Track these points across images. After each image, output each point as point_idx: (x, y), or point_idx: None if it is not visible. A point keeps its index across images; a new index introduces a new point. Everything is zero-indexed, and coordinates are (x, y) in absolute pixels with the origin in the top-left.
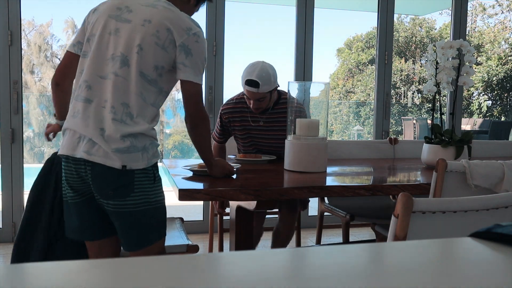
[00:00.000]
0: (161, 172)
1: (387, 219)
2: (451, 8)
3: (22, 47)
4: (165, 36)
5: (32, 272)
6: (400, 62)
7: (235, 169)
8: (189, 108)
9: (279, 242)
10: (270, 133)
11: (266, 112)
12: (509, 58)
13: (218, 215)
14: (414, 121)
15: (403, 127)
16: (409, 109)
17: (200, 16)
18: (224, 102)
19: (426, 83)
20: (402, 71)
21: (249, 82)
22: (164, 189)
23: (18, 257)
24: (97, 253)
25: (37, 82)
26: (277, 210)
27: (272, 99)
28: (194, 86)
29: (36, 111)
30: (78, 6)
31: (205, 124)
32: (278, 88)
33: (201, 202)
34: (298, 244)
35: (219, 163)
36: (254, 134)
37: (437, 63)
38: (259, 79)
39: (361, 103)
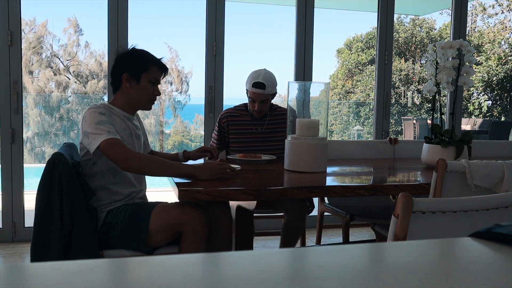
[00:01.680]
0: None
1: (387, 219)
2: (451, 8)
3: (21, 47)
4: (81, 139)
5: (32, 272)
6: (400, 62)
7: (236, 169)
8: (117, 159)
9: (289, 235)
10: (271, 135)
11: (264, 118)
12: (509, 58)
13: None
14: (414, 121)
15: (403, 127)
16: (409, 109)
17: (200, 16)
18: (220, 109)
19: (426, 83)
20: (401, 71)
21: (256, 84)
22: (164, 189)
23: (37, 259)
24: None
25: (34, 82)
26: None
27: (270, 105)
28: (103, 145)
29: (34, 111)
30: (77, 4)
31: (134, 161)
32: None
33: None
34: (303, 244)
35: (205, 167)
36: (252, 139)
37: (437, 63)
38: (265, 81)
39: (361, 103)
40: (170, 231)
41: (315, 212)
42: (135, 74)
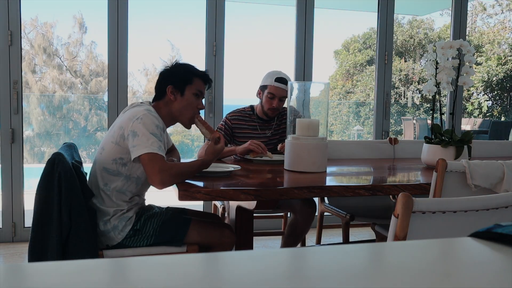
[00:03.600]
0: None
1: (387, 219)
2: (451, 8)
3: (23, 47)
4: (118, 133)
5: (32, 272)
6: (400, 62)
7: (232, 169)
8: (152, 178)
9: (294, 235)
10: (278, 137)
11: (272, 122)
12: (509, 58)
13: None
14: (414, 121)
15: (403, 127)
16: (409, 110)
17: (200, 16)
18: (220, 109)
19: (426, 83)
20: (401, 71)
21: (279, 79)
22: (164, 189)
23: (34, 259)
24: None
25: (38, 82)
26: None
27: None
28: (147, 156)
29: (36, 111)
30: (80, 4)
31: (171, 176)
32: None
33: (201, 202)
34: (303, 244)
35: (216, 152)
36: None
37: (437, 63)
38: (286, 78)
39: (360, 103)
40: (202, 246)
41: (315, 212)
42: (179, 86)
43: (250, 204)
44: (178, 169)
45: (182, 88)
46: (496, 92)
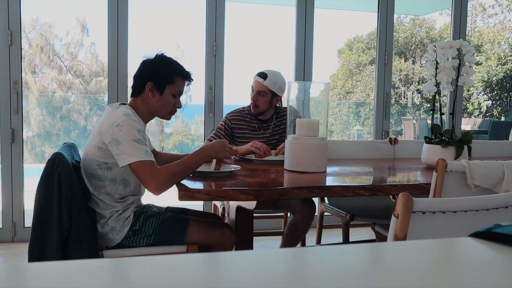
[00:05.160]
0: None
1: (387, 219)
2: (451, 8)
3: (23, 47)
4: (98, 138)
5: (32, 272)
6: (400, 62)
7: (232, 169)
8: (146, 185)
9: (294, 235)
10: (277, 137)
11: (270, 121)
12: (509, 58)
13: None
14: (414, 121)
15: (403, 127)
16: (409, 110)
17: (200, 16)
18: (220, 109)
19: (426, 83)
20: (401, 71)
21: (259, 73)
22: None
23: (34, 259)
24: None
25: (37, 82)
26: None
27: (268, 104)
28: (136, 165)
29: (35, 111)
30: (80, 4)
31: (165, 180)
32: (278, 104)
33: (201, 202)
34: (303, 244)
35: (217, 144)
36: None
37: (437, 63)
38: (268, 73)
39: (360, 103)
40: (202, 246)
41: (315, 212)
42: (160, 85)
43: (250, 204)
44: (170, 170)
45: (162, 87)
46: (496, 92)
